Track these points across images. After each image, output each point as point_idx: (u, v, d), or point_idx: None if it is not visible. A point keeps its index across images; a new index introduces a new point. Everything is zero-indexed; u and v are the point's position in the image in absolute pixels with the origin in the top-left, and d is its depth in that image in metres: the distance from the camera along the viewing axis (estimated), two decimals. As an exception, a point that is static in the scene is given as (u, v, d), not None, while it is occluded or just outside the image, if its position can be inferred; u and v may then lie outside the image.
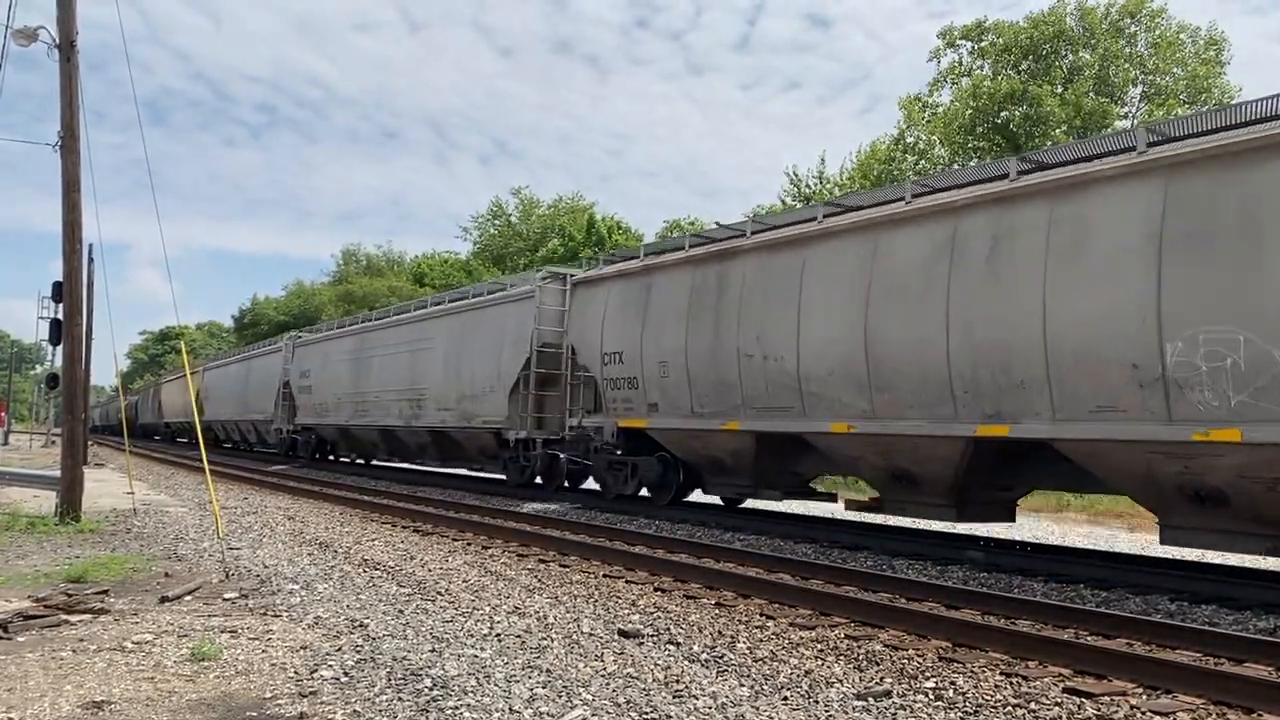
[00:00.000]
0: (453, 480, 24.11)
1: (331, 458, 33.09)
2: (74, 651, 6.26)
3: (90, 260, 24.73)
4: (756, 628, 7.69)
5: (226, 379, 43.10)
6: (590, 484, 19.29)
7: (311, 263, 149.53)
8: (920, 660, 6.65)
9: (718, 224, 15.81)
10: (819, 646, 7.06)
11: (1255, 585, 9.22)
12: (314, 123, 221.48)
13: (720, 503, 17.11)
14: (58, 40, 14.02)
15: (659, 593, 9.21)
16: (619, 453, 17.05)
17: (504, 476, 21.05)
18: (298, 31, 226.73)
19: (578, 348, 17.99)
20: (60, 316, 14.92)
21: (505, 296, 20.81)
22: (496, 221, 62.08)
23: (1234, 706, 5.54)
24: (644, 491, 17.17)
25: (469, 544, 12.58)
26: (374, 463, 30.91)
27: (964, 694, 5.79)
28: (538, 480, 19.95)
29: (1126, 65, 33.83)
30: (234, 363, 43.51)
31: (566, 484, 19.46)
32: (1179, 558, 11.38)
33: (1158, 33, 34.10)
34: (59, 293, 14.77)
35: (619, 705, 5.27)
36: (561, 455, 18.63)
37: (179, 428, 54.55)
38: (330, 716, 4.94)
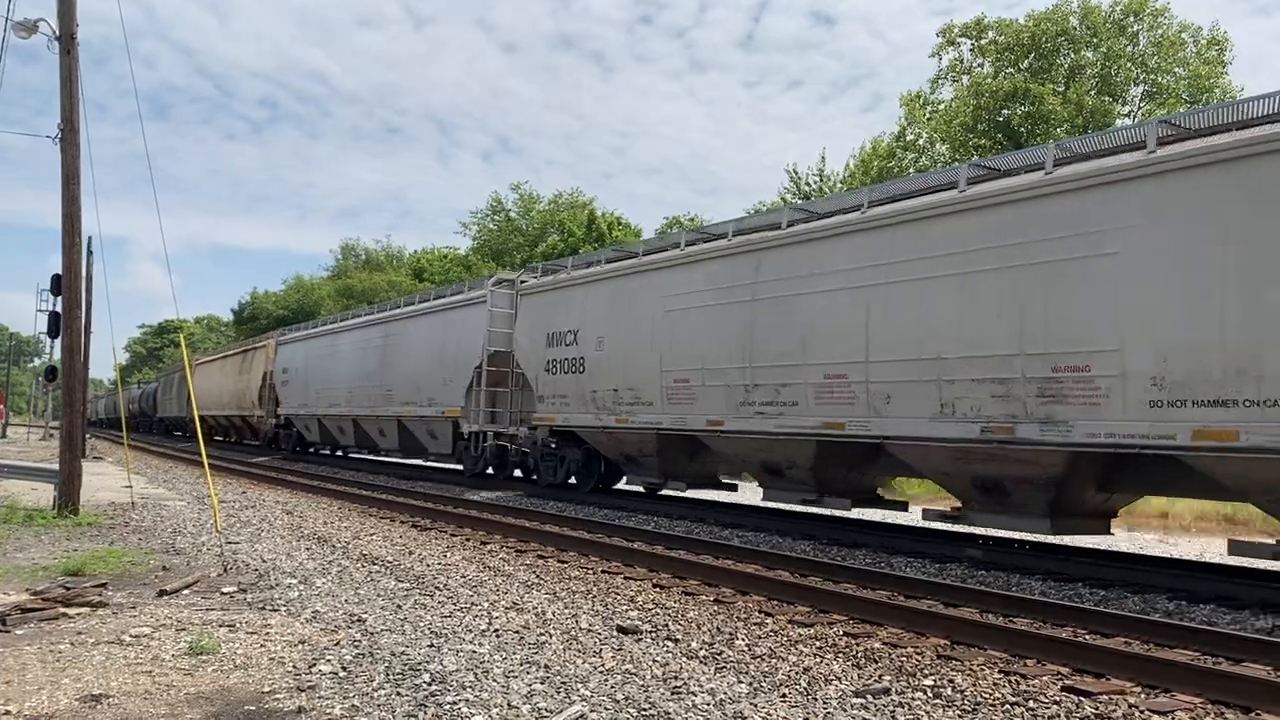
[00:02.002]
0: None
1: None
2: (72, 644, 6.26)
3: (89, 253, 24.73)
4: (755, 625, 7.68)
5: (336, 356, 29.77)
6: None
7: (312, 258, 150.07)
8: (919, 658, 6.65)
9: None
10: (818, 644, 7.06)
11: (1254, 585, 9.22)
12: (316, 118, 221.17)
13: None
14: (58, 33, 14.00)
15: (657, 589, 9.21)
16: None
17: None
18: (301, 27, 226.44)
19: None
20: (59, 309, 14.90)
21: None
22: (496, 217, 62.03)
23: (1232, 705, 5.54)
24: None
25: (468, 539, 12.57)
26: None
27: (962, 692, 5.79)
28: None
29: (1129, 64, 33.80)
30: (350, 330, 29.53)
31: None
32: (1178, 557, 11.38)
33: (1160, 32, 34.07)
34: (58, 286, 14.75)
35: (617, 702, 5.26)
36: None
37: (227, 424, 43.66)
38: (328, 711, 4.93)
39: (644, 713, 5.08)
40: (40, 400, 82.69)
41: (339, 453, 33.38)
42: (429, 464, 26.45)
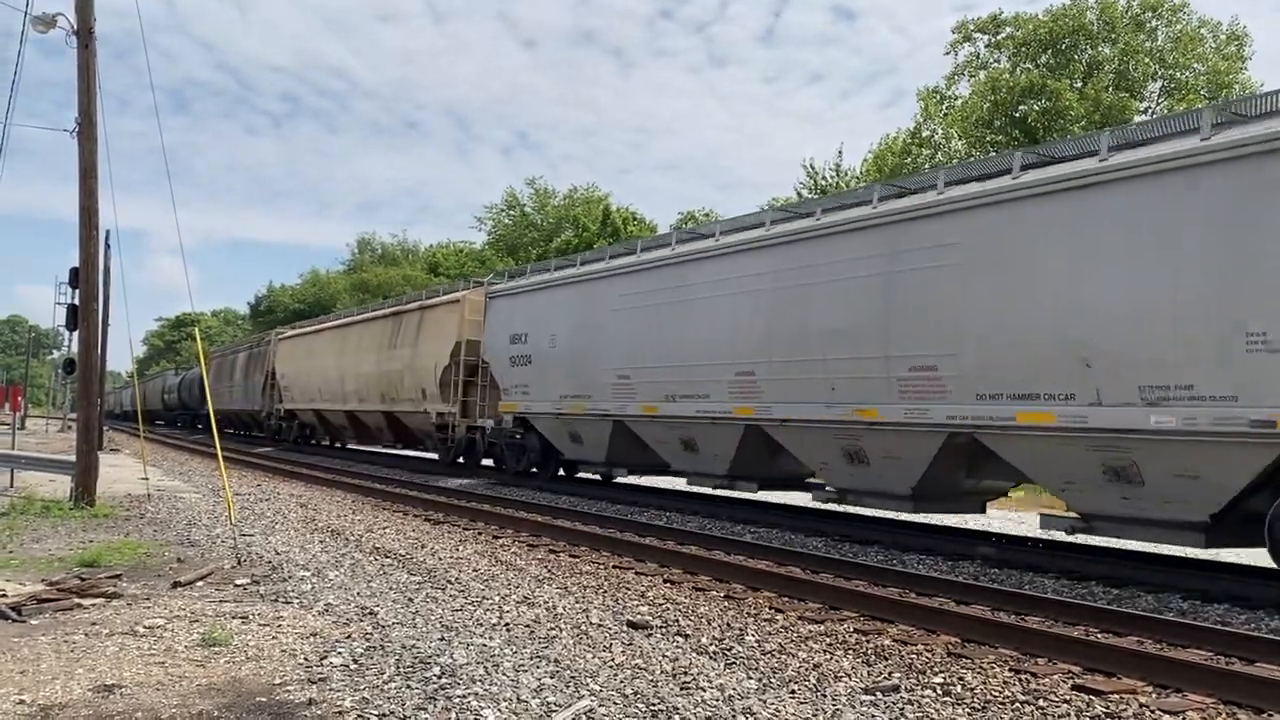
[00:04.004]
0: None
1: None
2: (86, 635, 6.31)
3: (107, 246, 24.89)
4: (765, 621, 7.68)
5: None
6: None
7: (329, 252, 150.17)
8: (929, 655, 6.63)
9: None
10: (828, 640, 7.05)
11: (1268, 585, 9.15)
12: (336, 113, 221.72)
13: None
14: (76, 27, 14.08)
15: (668, 584, 9.22)
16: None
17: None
18: (322, 22, 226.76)
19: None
20: (77, 302, 15.01)
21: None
22: (511, 212, 62.13)
23: (1244, 706, 5.51)
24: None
25: (479, 533, 12.61)
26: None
27: (972, 690, 5.77)
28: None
29: (1146, 60, 33.56)
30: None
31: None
32: (1193, 556, 11.31)
33: (1178, 27, 33.82)
34: (76, 279, 14.86)
35: (626, 696, 5.27)
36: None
37: (346, 423, 30.47)
38: (339, 703, 4.96)
39: (653, 708, 5.09)
40: (58, 392, 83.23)
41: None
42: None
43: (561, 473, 20.50)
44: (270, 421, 36.94)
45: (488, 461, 22.55)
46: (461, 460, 23.12)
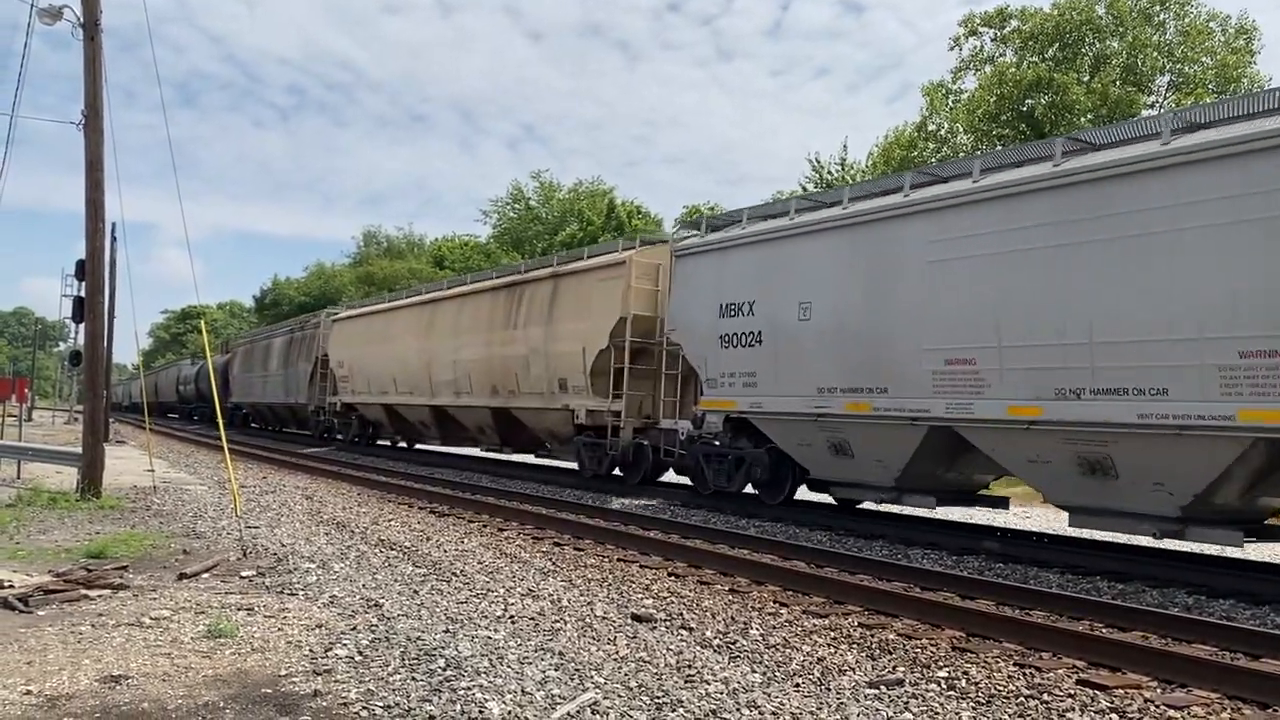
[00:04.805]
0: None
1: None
2: (93, 626, 6.33)
3: (114, 239, 24.93)
4: (770, 614, 7.69)
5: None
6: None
7: (336, 245, 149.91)
8: (934, 650, 6.63)
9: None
10: (832, 634, 7.06)
11: (1275, 581, 9.14)
12: (342, 106, 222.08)
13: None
14: (82, 19, 14.09)
15: (673, 578, 9.23)
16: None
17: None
18: (329, 14, 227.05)
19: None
20: (83, 294, 15.04)
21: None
22: (516, 205, 62.10)
23: (1249, 701, 5.50)
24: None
25: (485, 526, 12.63)
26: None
27: (977, 684, 5.77)
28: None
29: (1155, 54, 33.41)
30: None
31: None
32: (1199, 552, 11.29)
33: (1187, 20, 33.65)
34: (82, 271, 14.89)
35: (630, 689, 5.28)
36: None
37: (437, 421, 25.23)
38: (344, 695, 4.97)
39: (657, 701, 5.10)
40: (64, 384, 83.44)
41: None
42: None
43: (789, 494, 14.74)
44: (320, 417, 31.79)
45: (663, 476, 18.04)
46: (617, 473, 18.18)
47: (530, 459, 22.91)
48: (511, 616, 7.08)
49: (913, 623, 7.42)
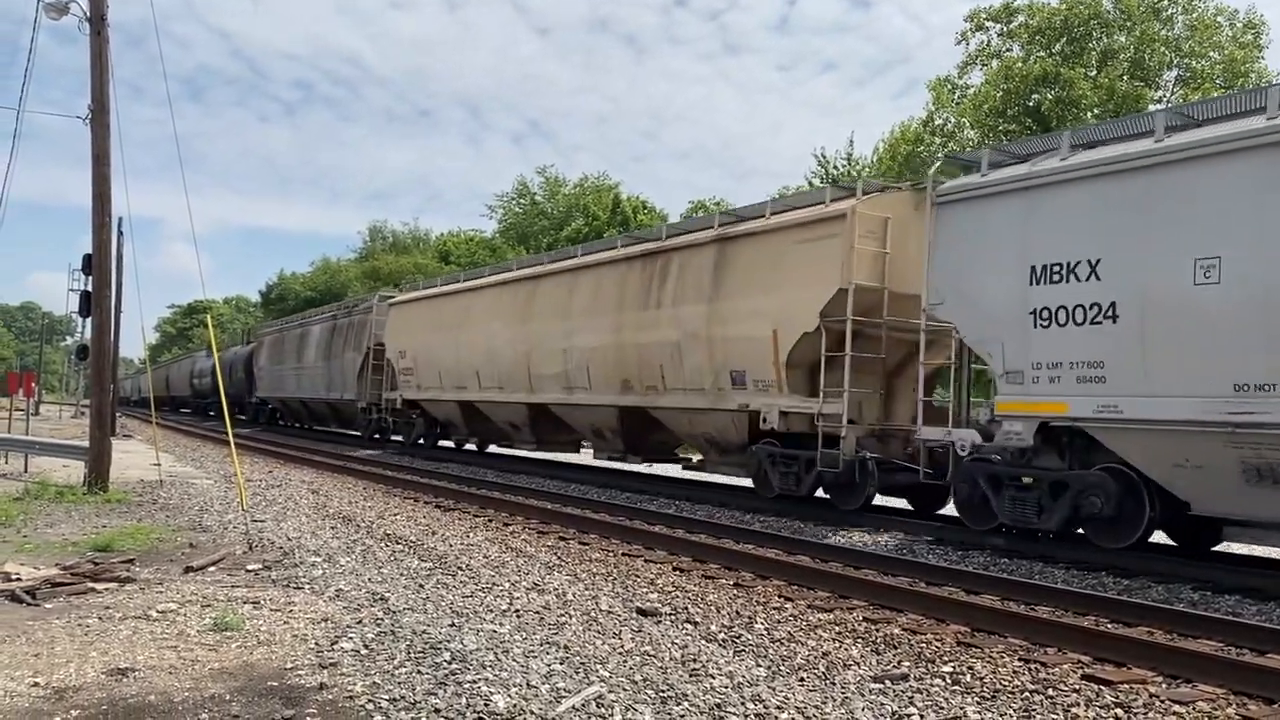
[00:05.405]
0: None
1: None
2: (100, 619, 6.36)
3: (120, 233, 24.98)
4: (774, 609, 7.69)
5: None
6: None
7: (341, 240, 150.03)
8: (939, 645, 6.63)
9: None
10: (837, 629, 7.06)
11: (1280, 576, 9.10)
12: (348, 101, 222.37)
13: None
14: (88, 14, 14.12)
15: (677, 572, 9.24)
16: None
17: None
18: (335, 9, 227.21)
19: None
20: (90, 289, 15.08)
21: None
22: (522, 200, 62.12)
23: (1254, 697, 5.49)
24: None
25: (490, 520, 12.65)
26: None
27: (981, 679, 5.77)
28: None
29: (1162, 48, 33.30)
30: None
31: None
32: (1203, 548, 11.25)
33: (1195, 15, 33.54)
34: (89, 265, 14.93)
35: (635, 683, 5.29)
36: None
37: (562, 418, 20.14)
38: (350, 688, 4.99)
39: (662, 694, 5.11)
40: (71, 379, 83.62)
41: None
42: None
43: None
44: (373, 415, 27.69)
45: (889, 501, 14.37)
46: (822, 495, 14.02)
47: (653, 467, 19.06)
48: (517, 610, 7.09)
49: (917, 618, 7.42)
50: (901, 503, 14.42)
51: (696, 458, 17.12)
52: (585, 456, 21.70)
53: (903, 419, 13.58)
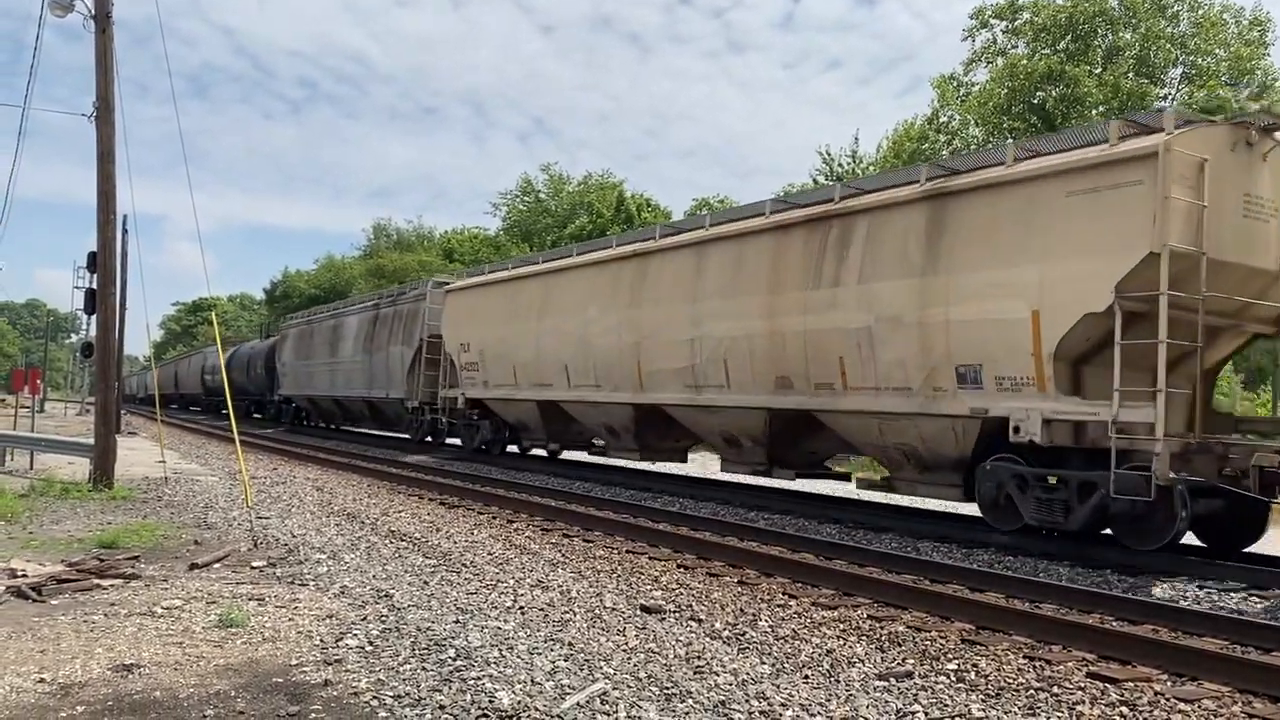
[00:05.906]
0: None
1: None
2: (105, 615, 6.37)
3: (125, 231, 25.02)
4: (779, 606, 7.69)
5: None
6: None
7: (345, 237, 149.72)
8: (943, 642, 6.63)
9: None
10: (841, 626, 7.06)
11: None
12: (353, 98, 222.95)
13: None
14: (94, 12, 14.13)
15: (682, 570, 9.24)
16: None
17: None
18: (340, 7, 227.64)
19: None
20: (95, 286, 15.10)
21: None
22: (525, 198, 62.12)
23: (1260, 695, 5.49)
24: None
25: (494, 517, 12.66)
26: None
27: (986, 676, 5.77)
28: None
29: (1168, 46, 33.23)
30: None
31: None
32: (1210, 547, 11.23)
33: (1200, 12, 33.45)
34: (94, 263, 14.95)
35: (640, 680, 5.29)
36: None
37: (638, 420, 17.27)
38: (354, 684, 5.00)
39: (666, 691, 5.11)
40: (76, 376, 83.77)
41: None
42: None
43: None
44: (425, 416, 24.45)
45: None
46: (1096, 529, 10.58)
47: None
48: (521, 607, 7.09)
49: (922, 615, 7.42)
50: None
51: (879, 475, 13.76)
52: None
53: (1214, 427, 10.76)
